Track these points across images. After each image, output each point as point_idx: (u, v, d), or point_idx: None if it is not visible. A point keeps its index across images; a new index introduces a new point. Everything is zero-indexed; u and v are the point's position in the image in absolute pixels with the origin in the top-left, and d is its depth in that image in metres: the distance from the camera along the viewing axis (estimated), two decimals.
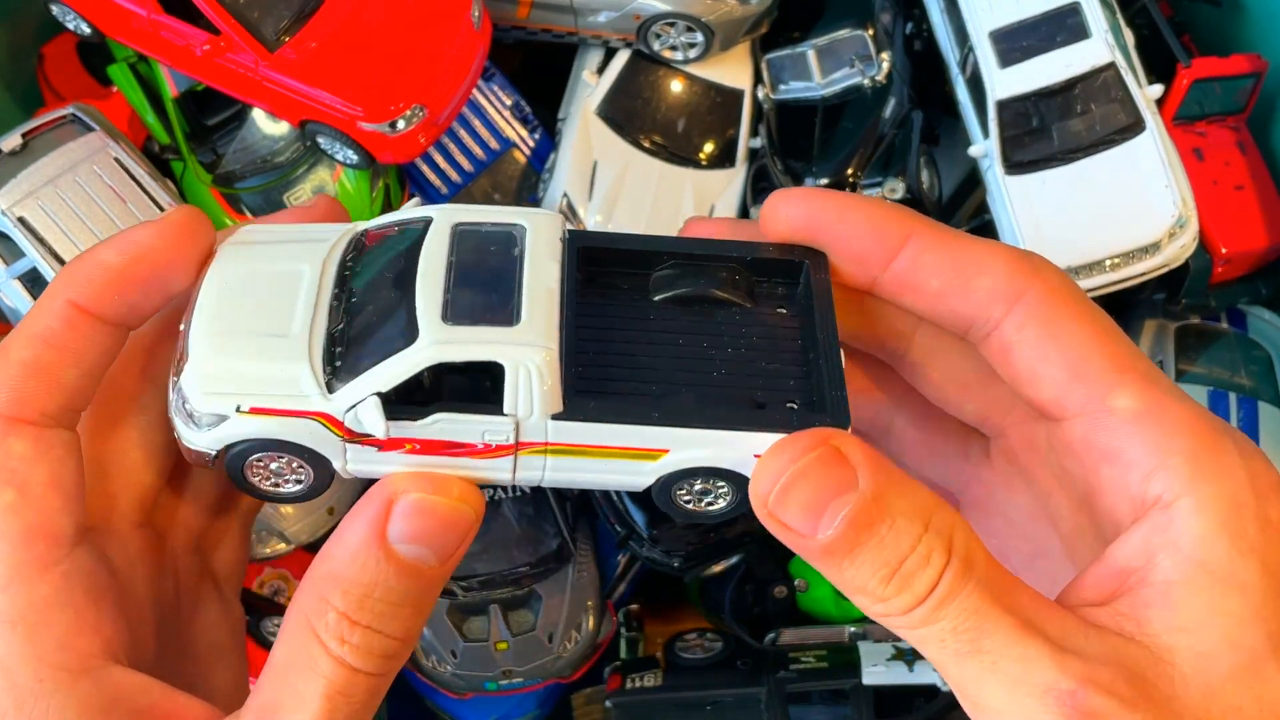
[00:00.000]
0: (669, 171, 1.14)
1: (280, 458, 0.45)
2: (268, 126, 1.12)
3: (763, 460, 0.42)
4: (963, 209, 1.18)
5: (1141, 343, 1.09)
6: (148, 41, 1.05)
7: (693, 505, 0.47)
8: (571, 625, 1.11)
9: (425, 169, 1.18)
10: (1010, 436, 0.48)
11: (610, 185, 1.12)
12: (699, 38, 1.11)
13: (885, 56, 1.11)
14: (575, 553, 1.12)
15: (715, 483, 0.46)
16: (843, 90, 1.12)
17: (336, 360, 0.43)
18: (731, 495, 0.46)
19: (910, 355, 0.50)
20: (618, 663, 1.12)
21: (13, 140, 1.01)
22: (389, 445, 0.43)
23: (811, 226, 0.46)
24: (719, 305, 0.47)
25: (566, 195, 1.12)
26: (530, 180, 1.20)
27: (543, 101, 1.22)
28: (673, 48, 1.13)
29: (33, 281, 0.98)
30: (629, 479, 0.46)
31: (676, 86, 1.16)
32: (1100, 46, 0.99)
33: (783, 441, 0.42)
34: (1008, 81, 1.01)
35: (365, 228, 0.47)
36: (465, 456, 0.44)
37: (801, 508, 0.40)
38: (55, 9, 1.08)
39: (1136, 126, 0.97)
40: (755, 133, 1.16)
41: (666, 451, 0.44)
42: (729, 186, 1.15)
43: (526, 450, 0.44)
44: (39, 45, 1.24)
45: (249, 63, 1.00)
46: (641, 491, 0.47)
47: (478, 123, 1.20)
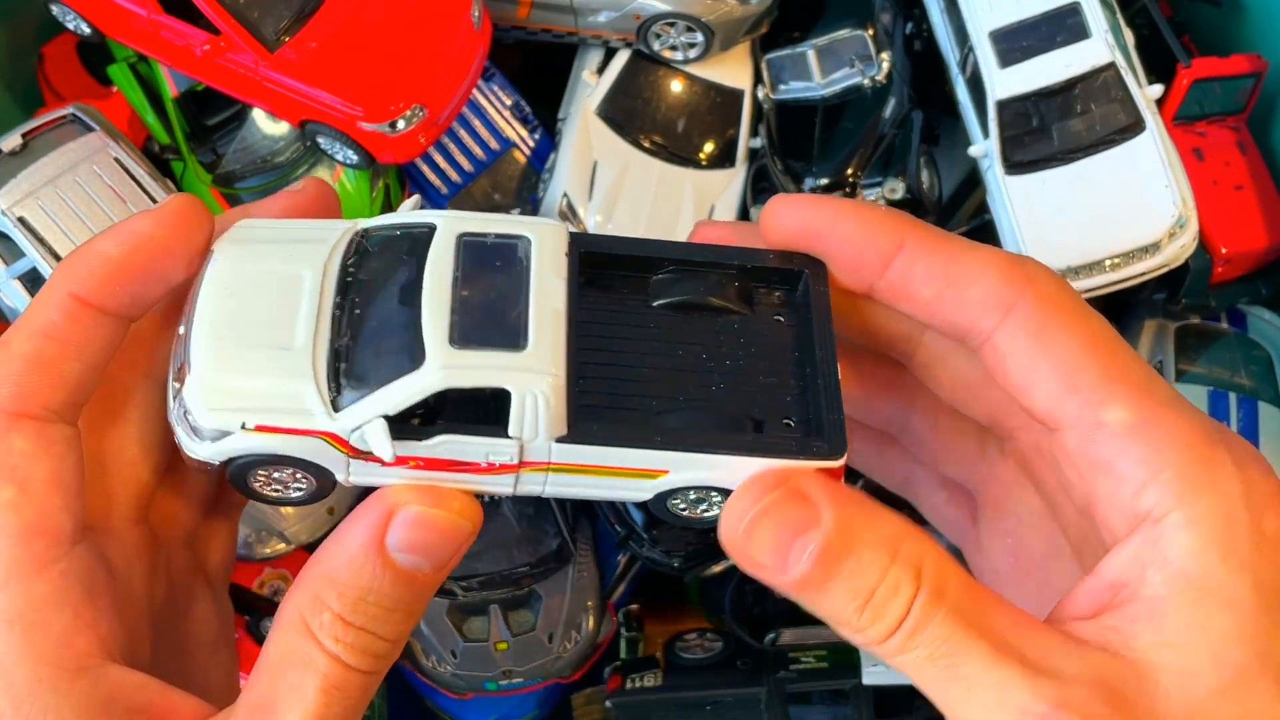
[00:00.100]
0: (669, 171, 1.14)
1: (284, 468, 0.45)
2: (268, 126, 1.12)
3: (729, 503, 0.43)
4: (963, 209, 1.18)
5: (1141, 343, 1.09)
6: (148, 41, 1.05)
7: (688, 513, 0.47)
8: (571, 625, 1.11)
9: (425, 169, 1.18)
10: (1018, 440, 0.48)
11: (610, 185, 1.12)
12: (699, 38, 1.11)
13: (885, 56, 1.11)
14: (575, 553, 1.12)
15: (709, 493, 0.46)
16: (843, 90, 1.12)
17: (341, 377, 0.43)
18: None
19: (918, 356, 0.50)
20: (618, 663, 1.12)
21: (13, 140, 1.01)
22: (392, 462, 0.44)
23: (807, 233, 0.46)
24: (717, 312, 0.47)
25: (566, 195, 1.12)
26: (530, 180, 1.20)
27: (543, 101, 1.22)
28: (673, 48, 1.13)
29: (33, 281, 0.98)
30: (628, 494, 0.46)
31: (676, 86, 1.16)
32: (1100, 46, 0.99)
33: (747, 483, 0.43)
34: (1008, 81, 1.01)
35: (365, 227, 0.47)
36: (468, 473, 0.44)
37: (769, 547, 0.41)
38: (55, 9, 1.08)
39: (1136, 126, 0.97)
40: (755, 133, 1.16)
41: (666, 472, 0.45)
42: (729, 186, 1.15)
43: (529, 468, 0.44)
44: (39, 45, 1.24)
45: (249, 63, 1.00)
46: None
47: (478, 123, 1.20)
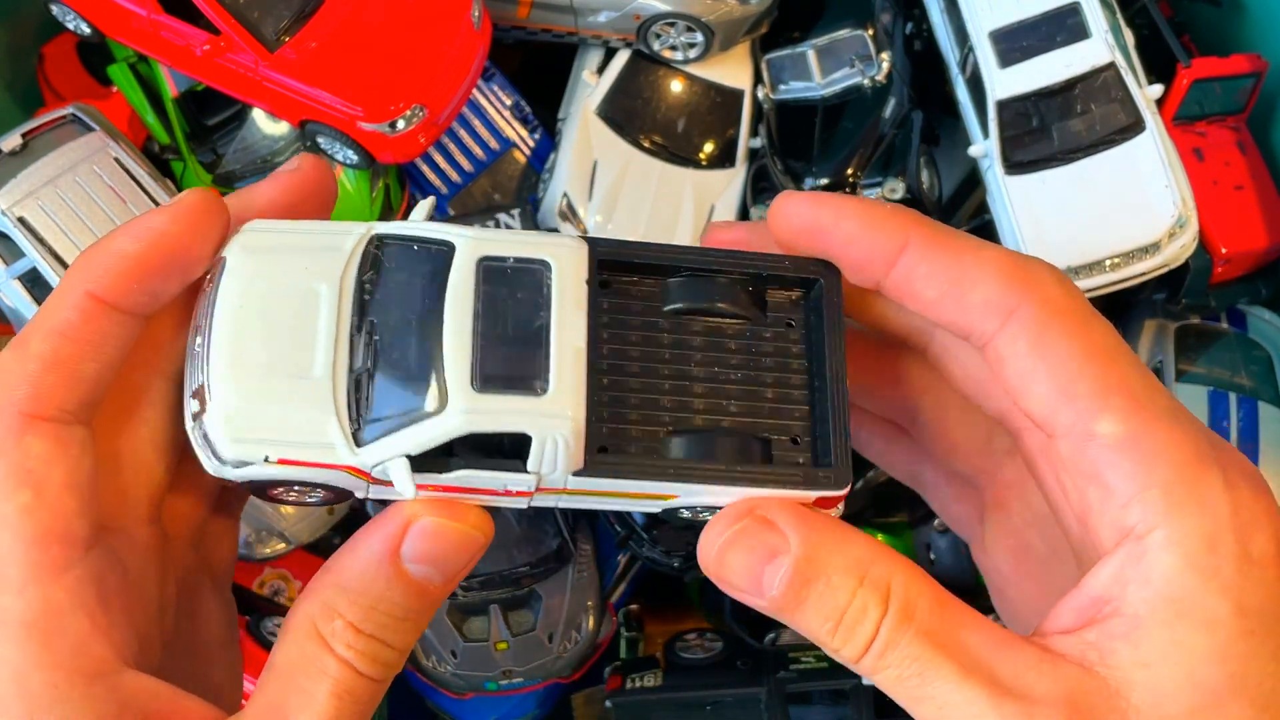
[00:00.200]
0: (669, 171, 1.14)
1: (305, 484, 0.45)
2: (268, 126, 1.12)
3: (703, 533, 0.44)
4: (963, 209, 1.18)
5: (1141, 343, 1.09)
6: (148, 41, 1.05)
7: (690, 516, 0.48)
8: (571, 625, 1.11)
9: (425, 169, 1.18)
10: (1025, 439, 0.48)
11: (610, 185, 1.12)
12: (699, 38, 1.11)
13: (885, 56, 1.11)
14: (575, 553, 1.12)
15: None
16: (843, 90, 1.12)
17: (362, 410, 0.43)
18: None
19: (933, 348, 0.50)
20: (618, 663, 1.12)
21: (13, 140, 1.01)
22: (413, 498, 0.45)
23: (813, 230, 0.46)
24: (730, 317, 0.48)
25: (566, 195, 1.12)
26: (530, 180, 1.20)
27: (543, 101, 1.22)
28: (673, 48, 1.13)
29: (33, 281, 0.98)
30: (638, 509, 0.47)
31: (676, 86, 1.16)
32: (1100, 46, 0.99)
33: (719, 514, 0.44)
34: (1008, 81, 1.01)
35: (380, 233, 0.46)
36: (484, 495, 0.45)
37: (742, 573, 0.43)
38: (55, 9, 1.08)
39: (1136, 126, 0.97)
40: (755, 133, 1.16)
41: (675, 496, 0.46)
42: (729, 186, 1.15)
43: (544, 493, 0.45)
44: (39, 45, 1.24)
45: (249, 63, 1.00)
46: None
47: (478, 123, 1.20)
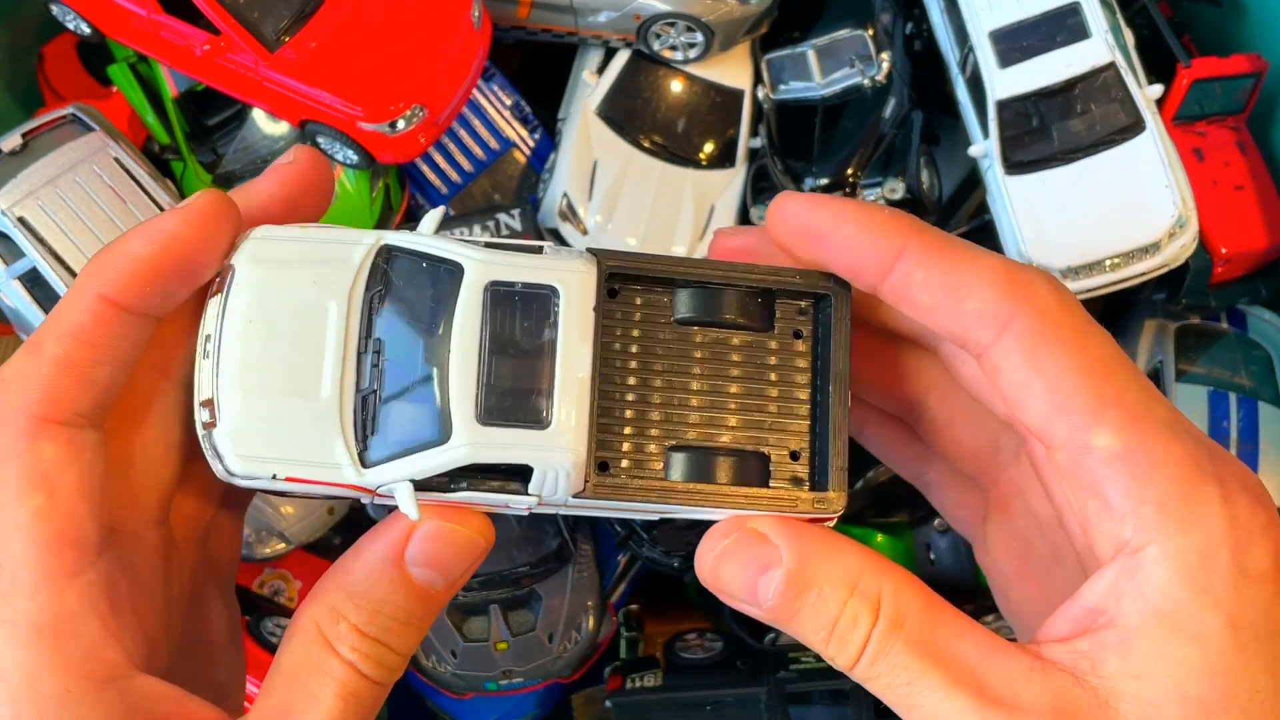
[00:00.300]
0: (669, 171, 1.14)
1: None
2: (268, 126, 1.12)
3: (699, 546, 0.45)
4: (963, 209, 1.18)
5: (1141, 343, 1.09)
6: (148, 41, 1.05)
7: (687, 520, 0.48)
8: (571, 625, 1.11)
9: (425, 169, 1.18)
10: (1030, 445, 0.48)
11: (610, 185, 1.12)
12: (699, 38, 1.11)
13: (885, 56, 1.11)
14: (575, 553, 1.12)
15: None
16: (843, 90, 1.12)
17: (369, 433, 0.44)
18: None
19: (942, 349, 0.50)
20: (618, 663, 1.12)
21: (13, 140, 1.01)
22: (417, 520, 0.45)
23: (810, 234, 0.46)
24: (737, 328, 0.48)
25: (566, 195, 1.12)
26: (530, 180, 1.20)
27: (543, 101, 1.22)
28: (673, 48, 1.13)
29: (33, 281, 0.98)
30: (635, 518, 0.48)
31: (676, 86, 1.16)
32: (1100, 46, 0.99)
33: (712, 529, 0.45)
34: (1008, 81, 1.01)
35: (389, 243, 0.46)
36: (486, 508, 0.46)
37: (737, 585, 0.44)
38: (55, 9, 1.08)
39: (1136, 126, 0.97)
40: (755, 133, 1.16)
41: (671, 512, 0.47)
42: (729, 186, 1.15)
43: (545, 507, 0.46)
44: (39, 45, 1.24)
45: (249, 63, 1.00)
46: None
47: (478, 123, 1.20)
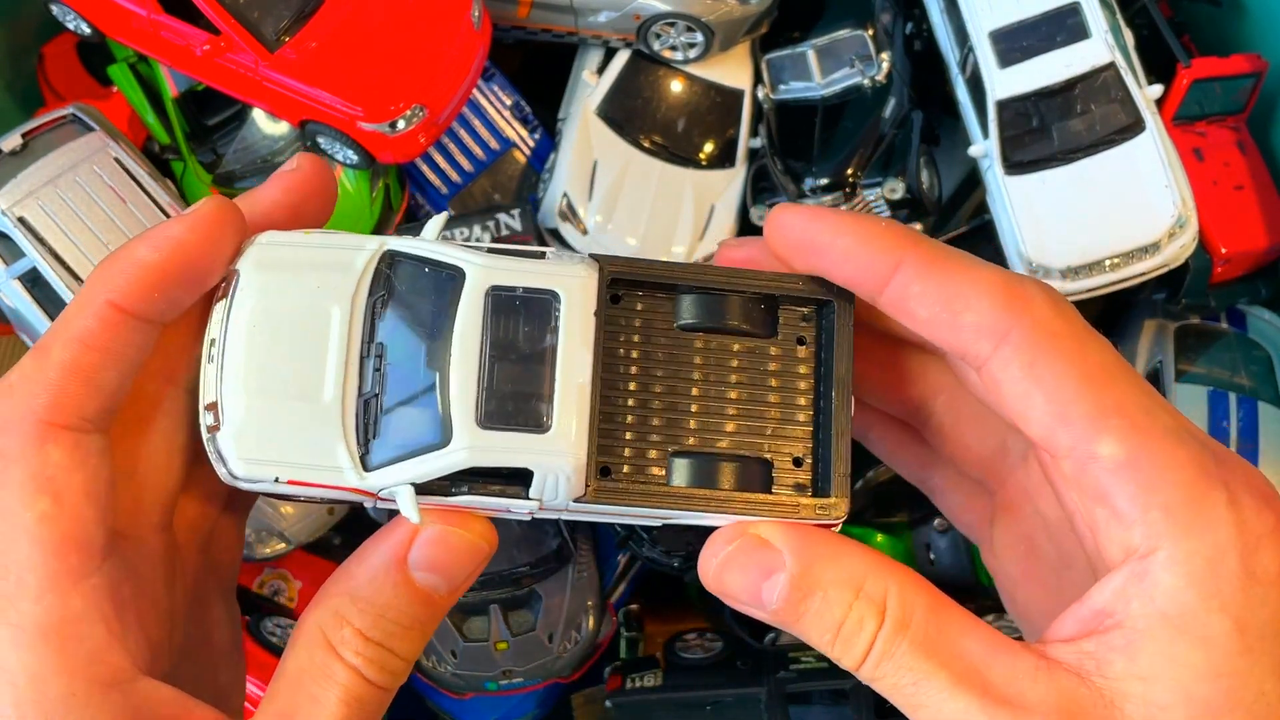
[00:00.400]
0: (669, 171, 1.14)
1: None
2: (268, 126, 1.12)
3: (702, 552, 0.46)
4: (963, 209, 1.18)
5: (1141, 343, 1.09)
6: (148, 41, 1.05)
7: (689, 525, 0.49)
8: (571, 625, 1.11)
9: (425, 169, 1.18)
10: (1039, 450, 0.48)
11: (610, 185, 1.12)
12: (699, 38, 1.11)
13: (885, 56, 1.11)
14: (575, 553, 1.12)
15: None
16: (843, 90, 1.12)
17: (370, 436, 0.45)
18: None
19: (950, 357, 0.50)
20: (618, 663, 1.12)
21: (13, 140, 1.01)
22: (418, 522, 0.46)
23: (807, 246, 0.47)
24: (740, 334, 0.48)
25: (566, 195, 1.12)
26: (530, 180, 1.20)
27: (543, 101, 1.22)
28: (673, 48, 1.13)
29: (33, 281, 0.98)
30: (637, 524, 0.48)
31: (676, 86, 1.16)
32: (1100, 46, 0.99)
33: (715, 535, 0.45)
34: (1008, 81, 1.01)
35: (392, 249, 0.46)
36: (487, 512, 0.47)
37: (741, 590, 0.44)
38: (55, 9, 1.08)
39: (1136, 126, 0.97)
40: (755, 133, 1.16)
41: (672, 517, 0.47)
42: (729, 186, 1.15)
43: (547, 511, 0.46)
44: (39, 45, 1.24)
45: (249, 63, 1.00)
46: None
47: (478, 123, 1.20)
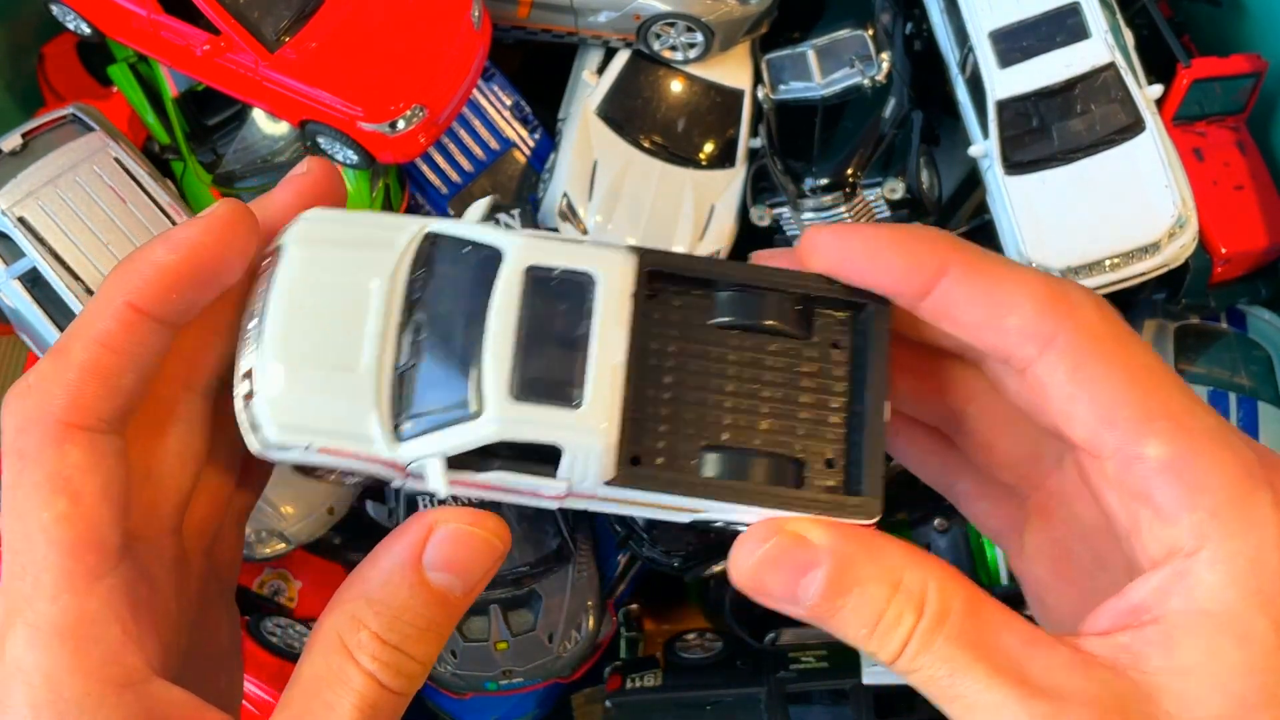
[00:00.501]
0: (669, 171, 1.14)
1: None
2: (268, 126, 1.12)
3: (736, 547, 0.45)
4: (963, 209, 1.18)
5: None
6: (148, 41, 1.05)
7: (720, 527, 0.48)
8: (571, 625, 1.11)
9: (425, 169, 1.18)
10: (1078, 453, 0.48)
11: (610, 185, 1.12)
12: (699, 38, 1.11)
13: (885, 56, 1.11)
14: (575, 553, 1.12)
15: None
16: (843, 90, 1.12)
17: (403, 408, 0.45)
18: None
19: (988, 361, 0.50)
20: (618, 663, 1.12)
21: (13, 140, 1.01)
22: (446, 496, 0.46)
23: (845, 267, 0.47)
24: (775, 334, 0.48)
25: (566, 195, 1.12)
26: (530, 180, 1.20)
27: (543, 101, 1.22)
28: (673, 48, 1.13)
29: (33, 281, 0.98)
30: (666, 519, 0.48)
31: (676, 86, 1.16)
32: (1100, 46, 0.99)
33: (749, 532, 0.45)
34: (1007, 81, 1.01)
35: (434, 231, 0.47)
36: (513, 495, 0.46)
37: (777, 588, 0.44)
38: (55, 9, 1.08)
39: (1136, 126, 0.97)
40: (755, 133, 1.16)
41: (703, 511, 0.46)
42: (729, 186, 1.15)
43: (575, 498, 0.46)
44: (39, 45, 1.24)
45: (249, 63, 1.00)
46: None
47: (478, 123, 1.20)
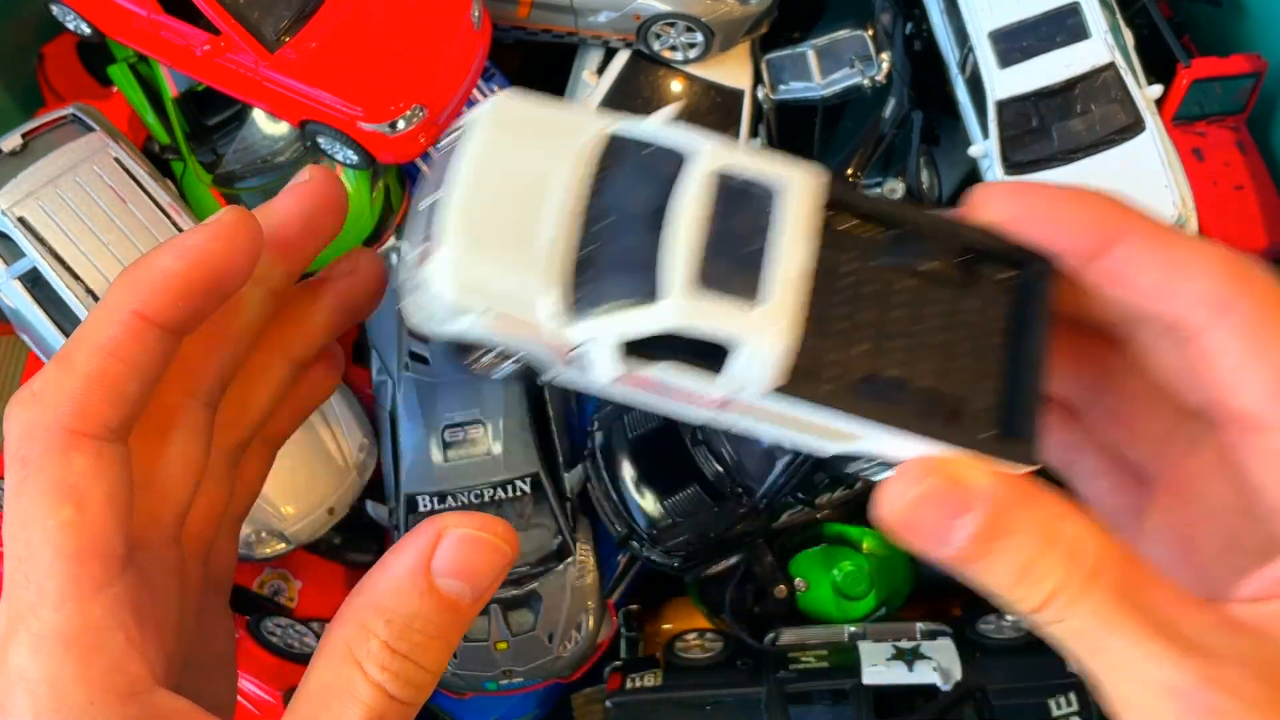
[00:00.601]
0: None
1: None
2: (268, 126, 1.12)
3: (888, 485, 0.43)
4: None
5: None
6: (148, 41, 1.05)
7: (862, 465, 0.47)
8: (571, 625, 1.11)
9: (425, 169, 1.18)
10: (1228, 431, 0.48)
11: None
12: (699, 38, 1.11)
13: (885, 57, 1.11)
14: (575, 552, 1.12)
15: (886, 464, 0.47)
16: (843, 90, 1.12)
17: (581, 288, 0.44)
18: None
19: (1139, 337, 0.50)
20: (618, 663, 1.12)
21: (13, 140, 1.01)
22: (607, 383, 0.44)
23: (1021, 221, 0.46)
24: (940, 280, 0.47)
25: None
26: None
27: None
28: (673, 48, 1.13)
29: (33, 281, 0.98)
30: (811, 447, 0.46)
31: (676, 86, 1.16)
32: (1100, 47, 0.99)
33: (905, 466, 0.43)
34: (1007, 82, 1.01)
35: (617, 131, 0.46)
36: (669, 399, 0.45)
37: (927, 527, 0.42)
38: (55, 9, 1.08)
39: (1136, 127, 0.97)
40: (755, 133, 1.16)
41: (860, 438, 0.45)
42: None
43: (732, 408, 0.45)
44: (39, 45, 1.24)
45: (249, 63, 1.00)
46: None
47: None
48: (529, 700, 1.16)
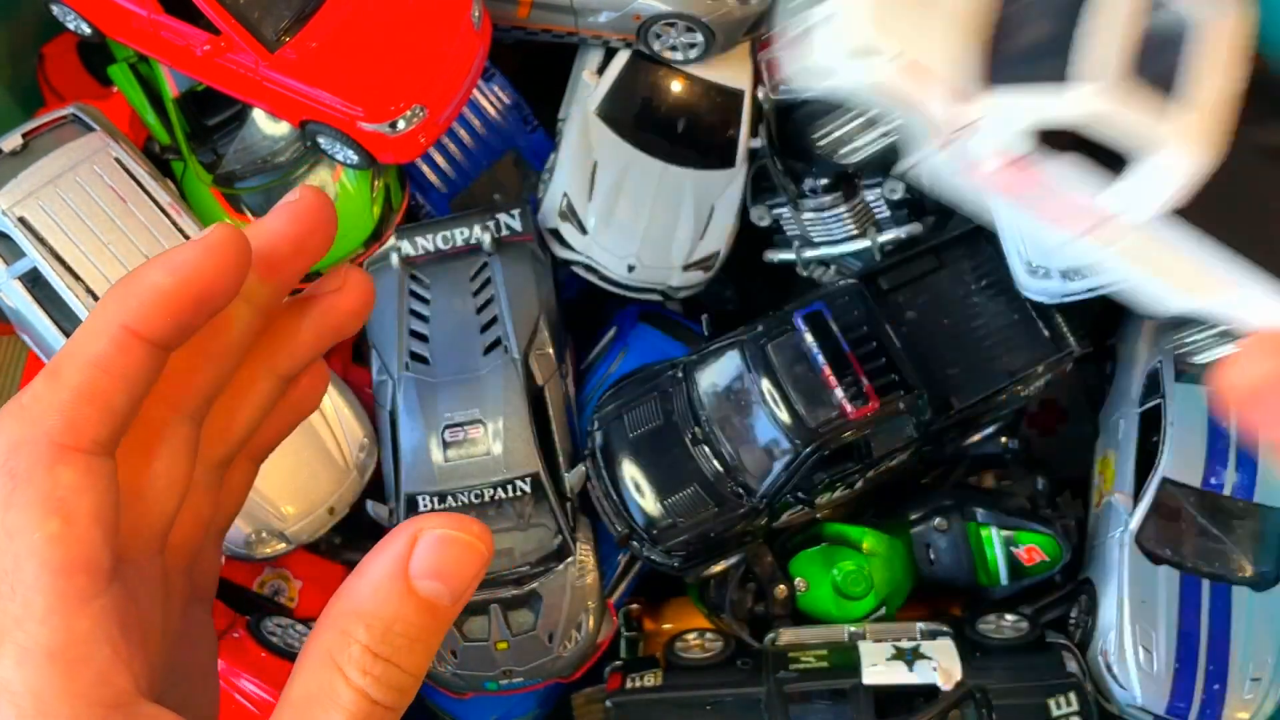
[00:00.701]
0: (669, 172, 1.14)
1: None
2: (268, 126, 1.12)
3: (1239, 357, 0.38)
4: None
5: (1141, 342, 1.09)
6: (148, 41, 1.05)
7: (1205, 336, 0.46)
8: (571, 625, 1.11)
9: (425, 169, 1.19)
10: None
11: (610, 185, 1.12)
12: (699, 38, 1.11)
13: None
14: (575, 552, 1.12)
15: (1220, 339, 0.44)
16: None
17: (997, 56, 0.40)
18: None
19: None
20: (618, 663, 1.12)
21: (13, 140, 1.01)
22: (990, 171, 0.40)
23: None
24: None
25: (566, 195, 1.12)
26: (530, 180, 1.20)
27: (543, 101, 1.22)
28: (673, 48, 1.13)
29: (33, 281, 0.98)
30: (1163, 299, 0.43)
31: (676, 86, 1.16)
32: None
33: (1261, 337, 0.38)
34: None
35: None
36: (1037, 206, 0.41)
37: (1276, 406, 0.38)
38: (56, 9, 1.08)
39: None
40: (755, 133, 1.16)
41: (1230, 293, 0.42)
42: (729, 186, 1.15)
43: (1102, 233, 0.42)
44: (39, 45, 1.24)
45: (249, 63, 1.00)
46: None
47: (478, 123, 1.20)
48: (529, 700, 1.16)
